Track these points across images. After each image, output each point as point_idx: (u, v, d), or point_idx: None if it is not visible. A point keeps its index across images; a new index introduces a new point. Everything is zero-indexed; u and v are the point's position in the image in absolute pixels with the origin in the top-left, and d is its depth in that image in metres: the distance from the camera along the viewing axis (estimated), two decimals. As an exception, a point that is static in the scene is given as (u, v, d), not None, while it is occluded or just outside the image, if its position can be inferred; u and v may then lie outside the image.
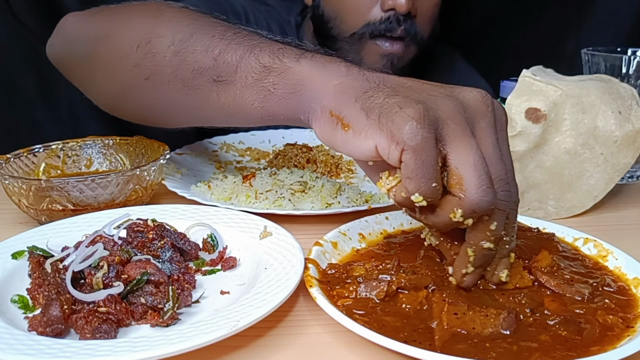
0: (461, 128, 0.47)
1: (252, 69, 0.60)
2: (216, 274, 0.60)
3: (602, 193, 0.76)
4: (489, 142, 0.49)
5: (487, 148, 0.49)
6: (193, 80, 0.65)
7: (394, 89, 0.50)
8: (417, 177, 0.47)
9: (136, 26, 0.72)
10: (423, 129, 0.46)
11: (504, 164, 0.49)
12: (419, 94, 0.50)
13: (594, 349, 0.46)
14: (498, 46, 1.44)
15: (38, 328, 0.47)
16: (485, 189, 0.46)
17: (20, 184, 0.67)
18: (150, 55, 0.69)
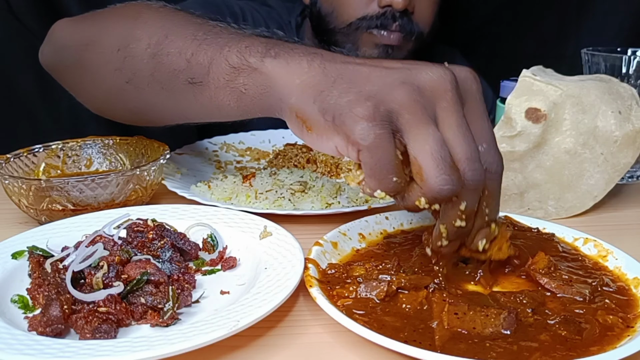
0: (416, 117, 0.47)
1: (222, 70, 0.60)
2: (216, 274, 0.60)
3: (602, 193, 0.76)
4: (452, 122, 0.48)
5: (450, 129, 0.48)
6: (170, 83, 0.66)
7: (350, 82, 0.50)
8: (376, 174, 0.48)
9: (116, 31, 0.73)
10: (375, 127, 0.47)
11: (469, 142, 0.48)
12: (373, 84, 0.49)
13: (594, 349, 0.46)
14: (498, 46, 1.44)
15: (38, 328, 0.47)
16: (443, 177, 0.46)
17: (20, 184, 0.67)
18: (129, 58, 0.70)
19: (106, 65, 0.73)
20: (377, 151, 0.47)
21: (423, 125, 0.47)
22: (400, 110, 0.47)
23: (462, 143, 0.48)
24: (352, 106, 0.48)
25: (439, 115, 0.48)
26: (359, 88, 0.49)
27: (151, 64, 0.68)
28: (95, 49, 0.75)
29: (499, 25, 1.43)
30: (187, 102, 0.66)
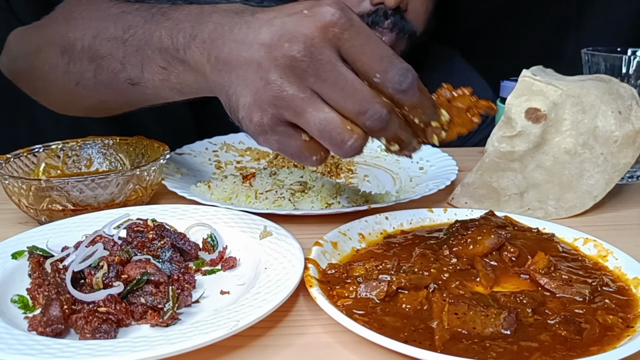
0: (293, 108, 0.49)
1: (154, 72, 0.62)
2: (216, 274, 0.60)
3: (602, 193, 0.76)
4: (328, 89, 0.49)
5: (330, 97, 0.49)
6: (112, 83, 0.68)
7: (238, 75, 0.52)
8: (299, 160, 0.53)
9: (55, 35, 0.75)
10: (271, 136, 0.51)
11: (354, 97, 0.49)
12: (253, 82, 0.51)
13: (594, 349, 0.46)
14: (498, 46, 1.44)
15: (38, 328, 0.47)
16: (344, 144, 0.49)
17: (20, 184, 0.68)
18: (72, 62, 0.72)
19: (55, 70, 0.75)
20: (284, 150, 0.52)
21: (305, 112, 0.49)
22: (281, 111, 0.50)
23: (347, 103, 0.49)
24: (246, 123, 0.52)
25: (315, 88, 0.49)
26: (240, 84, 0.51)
27: (92, 67, 0.69)
28: (42, 56, 0.77)
29: (499, 25, 1.43)
30: (135, 96, 0.68)
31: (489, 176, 0.77)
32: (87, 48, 0.69)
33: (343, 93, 0.49)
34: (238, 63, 0.52)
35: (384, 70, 0.50)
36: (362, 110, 0.49)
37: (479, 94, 1.38)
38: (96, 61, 0.68)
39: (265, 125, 0.50)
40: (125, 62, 0.65)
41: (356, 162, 0.97)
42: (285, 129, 0.51)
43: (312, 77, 0.49)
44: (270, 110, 0.50)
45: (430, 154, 0.97)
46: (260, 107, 0.50)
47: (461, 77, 1.28)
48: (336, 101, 0.49)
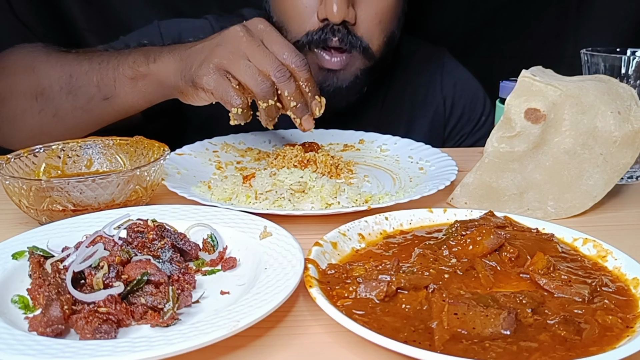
0: (231, 60, 0.77)
1: (124, 83, 0.87)
2: (216, 274, 0.60)
3: (601, 193, 0.76)
4: (253, 52, 0.78)
5: (253, 57, 0.78)
6: (89, 105, 0.89)
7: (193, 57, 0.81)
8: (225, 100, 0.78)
9: (23, 85, 0.92)
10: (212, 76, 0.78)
11: (269, 58, 0.78)
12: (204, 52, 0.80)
13: (593, 349, 0.46)
14: (498, 46, 1.44)
15: (38, 328, 0.48)
16: (259, 84, 0.77)
17: (21, 185, 0.68)
18: (49, 100, 0.91)
19: (27, 112, 0.92)
20: (219, 87, 0.78)
21: (237, 62, 0.77)
22: (222, 61, 0.78)
23: (262, 59, 0.78)
24: (197, 71, 0.79)
25: (246, 53, 0.78)
26: (198, 58, 0.80)
27: (70, 98, 0.90)
28: (12, 105, 0.93)
29: (499, 26, 1.43)
30: (106, 113, 0.91)
31: (489, 176, 0.77)
32: (65, 84, 0.89)
33: (261, 57, 0.78)
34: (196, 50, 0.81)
35: (288, 53, 0.79)
36: (274, 65, 0.78)
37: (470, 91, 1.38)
38: (73, 92, 0.89)
39: (208, 72, 0.77)
40: (100, 84, 0.87)
41: (356, 162, 0.97)
42: (220, 75, 0.77)
43: (244, 49, 0.78)
44: (215, 61, 0.78)
45: (430, 154, 0.97)
46: (209, 60, 0.78)
47: (451, 76, 1.28)
48: (257, 61, 0.77)
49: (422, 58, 1.27)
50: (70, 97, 0.89)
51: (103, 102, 0.88)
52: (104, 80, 0.87)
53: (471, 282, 0.55)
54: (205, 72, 0.77)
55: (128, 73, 0.86)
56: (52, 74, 0.91)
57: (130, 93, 0.87)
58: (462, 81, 1.28)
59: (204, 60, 0.78)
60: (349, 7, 0.99)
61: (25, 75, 0.93)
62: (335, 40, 1.01)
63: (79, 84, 0.89)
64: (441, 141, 1.27)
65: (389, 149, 1.03)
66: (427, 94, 1.25)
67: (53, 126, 0.92)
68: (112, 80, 0.87)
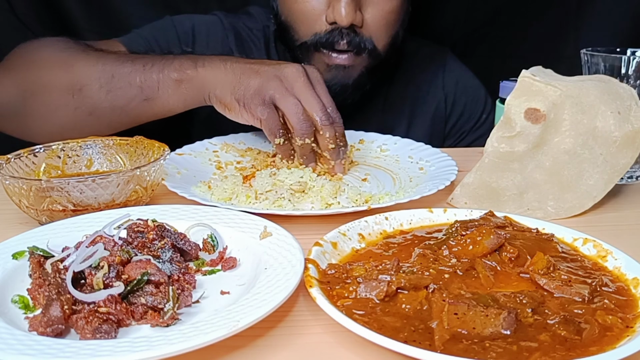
0: (284, 94, 0.83)
1: (168, 85, 0.89)
2: (216, 274, 0.60)
3: (601, 193, 0.76)
4: (306, 94, 0.83)
5: (304, 98, 0.83)
6: (129, 105, 0.91)
7: (249, 77, 0.85)
8: (271, 132, 0.85)
9: (58, 80, 0.92)
10: (265, 108, 0.83)
11: (318, 102, 0.84)
12: (261, 81, 0.84)
13: (593, 349, 0.46)
14: (498, 46, 1.44)
15: (38, 328, 0.48)
16: (301, 122, 0.83)
17: (21, 185, 0.68)
18: (87, 99, 0.91)
19: (61, 108, 0.92)
20: (269, 120, 0.84)
21: (287, 98, 0.83)
22: (276, 95, 0.83)
23: (313, 103, 0.83)
24: (253, 98, 0.83)
25: (297, 92, 0.83)
26: (253, 83, 0.84)
27: (109, 98, 0.90)
28: (41, 99, 0.93)
29: (499, 26, 1.43)
30: (144, 114, 0.92)
31: (489, 176, 0.77)
32: (105, 84, 0.90)
33: (312, 99, 0.84)
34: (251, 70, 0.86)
35: (332, 108, 0.86)
36: (321, 109, 0.84)
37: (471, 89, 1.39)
38: (113, 92, 0.90)
39: (263, 102, 0.83)
40: (143, 85, 0.89)
41: (356, 162, 0.97)
42: (272, 109, 0.84)
43: (298, 89, 0.84)
44: (270, 93, 0.83)
45: (430, 154, 0.97)
46: (264, 90, 0.83)
47: (453, 76, 1.28)
48: (306, 102, 0.83)
49: (424, 57, 1.28)
50: (110, 96, 0.90)
51: (143, 103, 0.90)
52: (147, 81, 0.89)
53: (471, 282, 0.55)
54: (260, 102, 0.83)
55: (174, 75, 0.88)
56: (93, 72, 0.91)
57: (172, 95, 0.89)
58: (464, 80, 1.29)
59: (260, 89, 0.83)
60: (357, 11, 1.01)
61: (61, 71, 0.92)
62: (344, 44, 1.04)
63: (120, 84, 0.89)
64: (442, 138, 1.28)
65: (389, 149, 1.03)
66: (428, 92, 1.26)
67: (87, 123, 0.92)
68: (156, 81, 0.88)
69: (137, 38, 1.11)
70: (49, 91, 0.92)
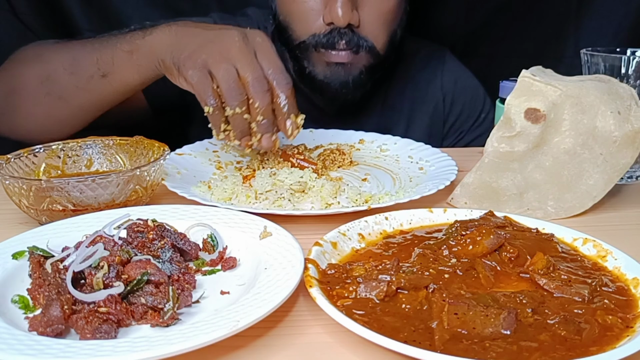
0: (217, 62, 0.78)
1: (122, 57, 0.89)
2: (216, 274, 0.60)
3: (601, 193, 0.76)
4: (242, 58, 0.79)
5: (239, 63, 0.79)
6: (89, 84, 0.92)
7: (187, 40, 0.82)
8: (201, 97, 0.80)
9: (31, 72, 0.95)
10: (196, 72, 0.79)
11: (252, 68, 0.79)
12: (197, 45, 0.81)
13: (593, 349, 0.46)
14: (498, 46, 1.44)
15: (38, 328, 0.48)
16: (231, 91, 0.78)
17: (21, 184, 0.68)
18: (55, 83, 0.94)
19: (37, 96, 0.95)
20: (199, 84, 0.79)
21: (220, 64, 0.79)
22: (209, 59, 0.79)
23: (247, 67, 0.79)
24: (185, 61, 0.80)
25: (232, 57, 0.79)
26: (190, 44, 0.82)
27: (72, 79, 0.93)
28: (21, 92, 0.96)
29: (499, 26, 1.43)
30: (105, 91, 0.92)
31: (489, 176, 0.77)
32: (68, 66, 0.93)
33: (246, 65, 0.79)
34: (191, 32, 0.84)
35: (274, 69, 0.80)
36: (253, 76, 0.79)
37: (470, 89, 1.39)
38: (75, 73, 0.92)
39: (194, 67, 0.79)
40: (99, 61, 0.90)
41: (356, 162, 0.97)
42: (204, 73, 0.79)
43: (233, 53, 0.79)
44: (203, 57, 0.79)
45: (430, 154, 0.97)
46: (198, 54, 0.80)
47: (452, 75, 1.28)
48: (240, 67, 0.79)
49: (423, 57, 1.28)
50: (73, 78, 0.92)
51: (102, 80, 0.90)
52: (103, 57, 0.89)
53: (471, 282, 0.55)
54: (191, 65, 0.79)
55: (125, 47, 0.88)
56: (57, 57, 0.94)
57: (126, 68, 0.89)
58: (463, 79, 1.29)
59: (194, 52, 0.80)
60: (353, 10, 1.01)
61: (33, 64, 0.96)
62: (343, 43, 1.04)
63: (80, 64, 0.91)
64: (440, 137, 1.28)
65: (389, 149, 1.03)
66: (427, 91, 1.26)
67: (59, 109, 0.95)
68: (111, 57, 0.89)
69: None
70: (24, 84, 0.96)
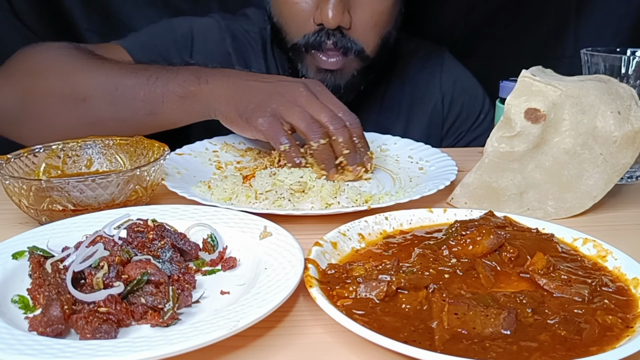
0: (287, 106, 0.82)
1: (172, 100, 0.88)
2: (216, 274, 0.60)
3: (601, 193, 0.76)
4: (311, 102, 0.83)
5: (310, 107, 0.82)
6: (131, 118, 0.90)
7: (251, 94, 0.85)
8: (272, 140, 0.83)
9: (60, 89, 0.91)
10: (266, 119, 0.82)
11: (326, 109, 0.83)
12: (263, 97, 0.84)
13: (593, 349, 0.46)
14: (498, 46, 1.44)
15: (38, 328, 0.48)
16: (311, 127, 0.81)
17: (21, 184, 0.68)
18: (90, 109, 0.91)
19: (64, 115, 0.91)
20: (271, 129, 0.82)
21: (292, 109, 0.82)
22: (279, 107, 0.82)
23: (319, 110, 0.82)
24: (254, 112, 0.83)
25: (301, 103, 0.82)
26: (258, 101, 0.84)
27: (112, 109, 0.90)
28: (42, 106, 0.92)
29: (499, 26, 1.43)
30: (147, 126, 0.91)
31: (489, 176, 0.77)
32: (109, 95, 0.89)
33: (318, 107, 0.83)
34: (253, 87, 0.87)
35: (344, 112, 0.84)
36: (329, 115, 0.82)
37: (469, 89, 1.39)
38: (116, 104, 0.89)
39: (267, 112, 0.82)
40: (146, 99, 0.88)
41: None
42: (274, 118, 0.82)
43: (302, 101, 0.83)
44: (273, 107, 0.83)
45: (430, 154, 0.97)
46: (266, 104, 0.83)
47: (451, 76, 1.28)
48: (313, 111, 0.82)
49: (422, 56, 1.27)
50: (112, 108, 0.90)
51: (147, 116, 0.90)
52: (151, 95, 0.88)
53: (471, 282, 0.55)
54: (261, 115, 0.82)
55: (178, 91, 0.87)
56: (96, 83, 0.90)
57: (176, 110, 0.88)
58: (462, 79, 1.29)
59: (262, 104, 0.82)
60: (344, 13, 1.01)
61: (62, 79, 0.92)
62: (330, 44, 1.03)
63: (124, 96, 0.89)
64: (439, 138, 1.28)
65: (389, 149, 1.03)
66: (425, 91, 1.26)
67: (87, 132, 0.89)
68: (160, 96, 0.88)
69: (135, 42, 1.10)
70: (48, 98, 0.92)
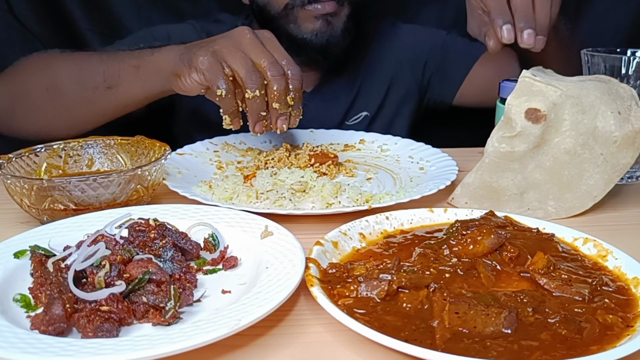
0: (230, 49, 0.80)
1: (128, 72, 0.92)
2: (217, 273, 0.60)
3: (601, 193, 0.76)
4: (255, 48, 0.80)
5: (252, 52, 0.80)
6: (94, 94, 0.95)
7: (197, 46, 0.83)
8: (211, 81, 0.79)
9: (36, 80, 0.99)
10: (205, 57, 0.80)
11: (267, 55, 0.80)
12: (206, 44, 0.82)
13: (594, 348, 0.46)
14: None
15: (40, 327, 0.48)
16: (250, 74, 0.78)
17: (22, 184, 0.68)
18: (61, 93, 0.97)
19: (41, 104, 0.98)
20: (211, 69, 0.79)
21: (234, 53, 0.80)
22: (221, 49, 0.80)
23: (262, 56, 0.80)
24: (196, 52, 0.81)
25: (245, 48, 0.80)
26: (200, 44, 0.83)
27: (78, 88, 0.96)
28: (26, 99, 1.00)
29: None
30: (108, 103, 0.96)
31: (489, 176, 0.77)
32: (75, 76, 0.96)
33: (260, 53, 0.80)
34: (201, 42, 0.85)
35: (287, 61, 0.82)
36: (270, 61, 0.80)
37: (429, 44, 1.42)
38: (81, 83, 0.95)
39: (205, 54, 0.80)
40: (106, 73, 0.93)
41: (356, 162, 0.97)
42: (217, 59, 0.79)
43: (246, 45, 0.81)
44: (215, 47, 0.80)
45: (430, 154, 0.97)
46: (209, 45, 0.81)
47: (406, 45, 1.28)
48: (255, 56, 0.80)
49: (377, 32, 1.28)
50: (78, 88, 0.95)
51: (107, 92, 0.93)
52: (109, 70, 0.92)
53: (472, 282, 0.55)
54: (202, 53, 0.80)
55: (132, 62, 0.91)
56: (64, 67, 0.98)
57: (132, 82, 0.92)
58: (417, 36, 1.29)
59: (205, 45, 0.82)
60: None
61: (40, 72, 0.99)
62: None
63: (86, 74, 0.95)
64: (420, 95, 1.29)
65: (390, 149, 1.03)
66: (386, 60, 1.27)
67: (62, 118, 0.98)
68: (117, 70, 0.92)
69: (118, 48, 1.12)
70: (31, 92, 0.99)
